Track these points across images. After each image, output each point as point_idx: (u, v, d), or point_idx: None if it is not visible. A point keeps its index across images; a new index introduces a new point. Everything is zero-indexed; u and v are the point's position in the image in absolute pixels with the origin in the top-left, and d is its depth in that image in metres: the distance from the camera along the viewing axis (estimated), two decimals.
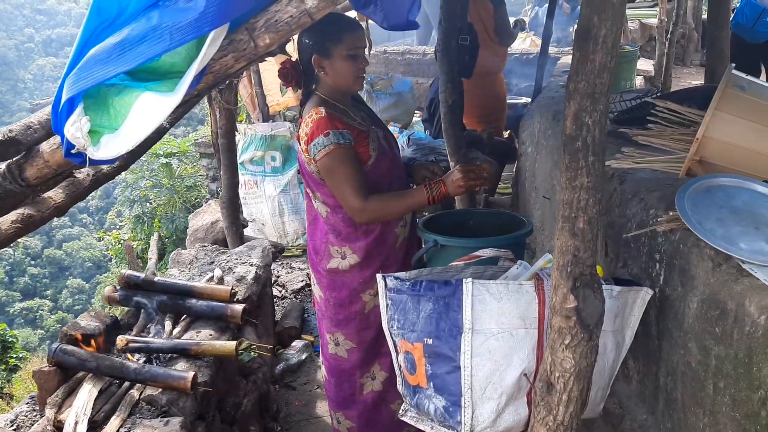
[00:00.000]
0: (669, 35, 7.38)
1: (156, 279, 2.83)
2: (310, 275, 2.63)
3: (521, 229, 2.48)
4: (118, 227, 13.48)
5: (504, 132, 5.99)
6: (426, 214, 3.10)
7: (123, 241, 9.44)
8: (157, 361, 2.42)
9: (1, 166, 1.61)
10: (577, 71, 1.46)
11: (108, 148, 1.28)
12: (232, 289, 2.85)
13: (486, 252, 2.13)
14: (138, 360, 2.40)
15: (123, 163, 2.33)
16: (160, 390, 2.25)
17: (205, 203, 6.92)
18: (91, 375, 2.29)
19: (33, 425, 2.22)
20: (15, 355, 9.45)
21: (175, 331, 2.62)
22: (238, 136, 5.56)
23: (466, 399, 1.76)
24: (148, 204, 9.31)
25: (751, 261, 1.62)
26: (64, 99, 1.28)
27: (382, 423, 2.62)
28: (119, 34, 1.28)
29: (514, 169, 5.44)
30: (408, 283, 1.85)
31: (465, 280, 1.73)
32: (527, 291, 1.74)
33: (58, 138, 1.40)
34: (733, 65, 2.24)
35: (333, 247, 2.46)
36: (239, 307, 2.73)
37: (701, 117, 2.13)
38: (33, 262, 30.92)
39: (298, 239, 5.85)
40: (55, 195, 1.91)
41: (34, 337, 23.10)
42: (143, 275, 2.83)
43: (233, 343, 2.49)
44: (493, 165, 4.97)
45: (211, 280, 3.09)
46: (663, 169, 2.28)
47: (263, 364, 3.19)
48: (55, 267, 30.83)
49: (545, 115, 3.94)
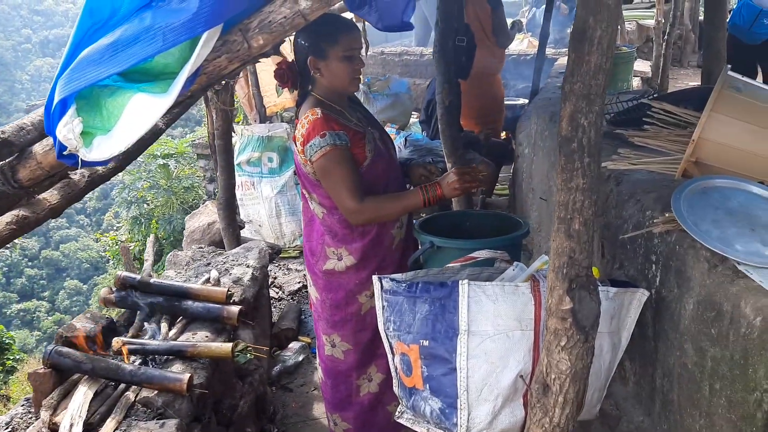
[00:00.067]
0: (666, 36, 7.40)
1: (152, 280, 2.84)
2: (306, 276, 2.62)
3: (517, 231, 2.48)
4: (115, 228, 13.45)
5: (501, 133, 5.99)
6: (423, 215, 3.10)
7: (120, 243, 9.42)
8: (153, 363, 2.41)
9: None
10: (573, 72, 1.45)
11: (100, 149, 1.28)
12: (228, 291, 2.85)
13: (482, 253, 2.12)
14: (134, 362, 2.40)
15: (118, 165, 2.32)
16: (155, 392, 2.25)
17: (202, 204, 6.91)
18: (87, 377, 2.29)
19: (28, 427, 2.21)
20: (12, 357, 9.45)
21: (171, 333, 2.62)
22: (235, 137, 5.56)
23: (462, 401, 1.76)
24: (145, 205, 9.29)
25: (747, 262, 1.62)
26: (56, 100, 1.28)
27: (378, 425, 2.61)
28: (112, 35, 1.28)
29: (511, 171, 5.44)
30: (404, 285, 1.85)
31: (461, 281, 1.73)
32: (523, 292, 1.74)
33: (51, 139, 1.39)
34: (729, 66, 2.24)
35: (329, 249, 2.45)
36: (235, 309, 2.72)
37: (697, 118, 2.13)
38: (30, 263, 30.85)
39: (295, 240, 5.84)
40: (50, 196, 1.90)
41: (31, 339, 23.06)
42: (139, 277, 2.84)
43: (229, 345, 2.49)
44: (490, 166, 4.96)
45: (208, 281, 3.09)
46: (659, 171, 2.28)
47: (260, 365, 3.19)
48: (53, 268, 30.78)
49: (542, 117, 3.94)
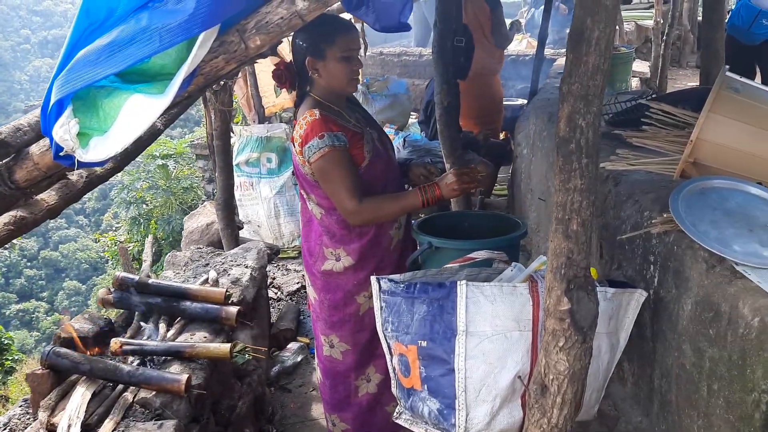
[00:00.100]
0: (665, 37, 7.40)
1: (150, 281, 2.83)
2: (305, 277, 2.62)
3: (516, 231, 2.48)
4: (114, 229, 13.43)
5: (500, 133, 5.99)
6: (422, 215, 3.10)
7: (119, 243, 9.42)
8: (151, 364, 2.41)
9: None
10: (571, 73, 1.45)
11: (97, 150, 1.27)
12: (226, 291, 2.84)
13: (480, 254, 2.12)
14: (132, 362, 2.39)
15: (117, 165, 2.32)
16: (153, 393, 2.24)
17: (201, 205, 6.91)
18: (85, 378, 2.28)
19: (26, 428, 2.21)
20: (11, 357, 9.43)
21: (170, 334, 2.62)
22: (233, 137, 5.55)
23: (460, 401, 1.76)
24: (144, 206, 9.29)
25: (745, 263, 1.62)
26: (52, 101, 1.27)
27: (377, 425, 2.61)
28: (108, 35, 1.27)
29: (509, 171, 5.44)
30: (402, 286, 1.85)
31: (459, 282, 1.72)
32: (521, 293, 1.74)
33: (47, 140, 1.39)
34: (727, 67, 2.24)
35: (327, 249, 2.45)
36: (234, 310, 2.72)
37: (696, 119, 2.13)
38: (29, 263, 30.82)
39: (293, 241, 5.84)
40: (48, 197, 1.90)
41: (30, 339, 23.04)
42: (137, 277, 2.83)
43: (227, 346, 2.49)
44: (489, 167, 4.97)
45: (206, 282, 3.09)
46: (657, 171, 2.28)
47: (258, 366, 3.18)
48: (52, 269, 30.75)
49: (541, 117, 3.94)
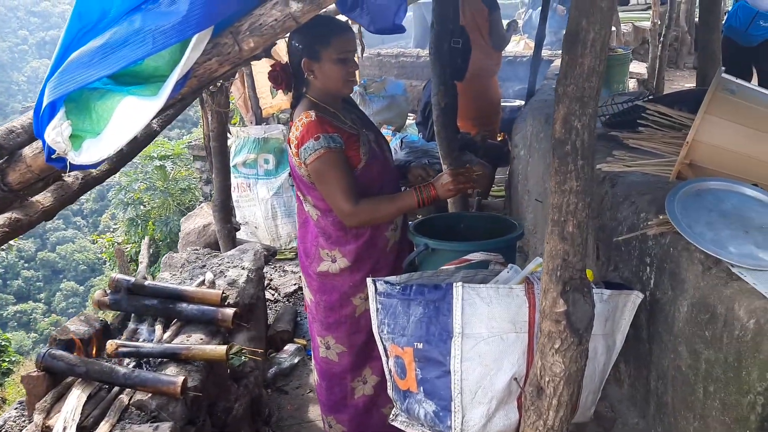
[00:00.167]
0: (662, 38, 7.41)
1: (146, 283, 2.83)
2: (302, 278, 2.62)
3: (512, 233, 2.47)
4: (112, 230, 13.41)
5: (498, 135, 5.99)
6: (419, 216, 3.10)
7: (116, 244, 9.40)
8: (147, 366, 2.41)
9: None
10: (566, 75, 1.45)
11: (90, 152, 1.27)
12: (223, 293, 2.84)
13: (476, 256, 2.12)
14: (128, 365, 2.39)
15: (112, 167, 2.31)
16: (149, 395, 2.24)
17: (198, 206, 6.90)
18: (81, 380, 2.28)
19: (21, 431, 2.20)
20: (8, 359, 9.40)
21: (166, 336, 2.61)
22: (230, 138, 5.54)
23: (456, 403, 1.76)
24: (142, 207, 9.27)
25: (741, 265, 1.62)
26: (45, 103, 1.27)
27: (373, 427, 2.60)
28: (101, 37, 1.27)
29: (507, 172, 5.44)
30: (398, 287, 1.84)
31: (455, 284, 1.72)
32: (517, 295, 1.74)
33: (40, 142, 1.39)
34: (723, 69, 2.24)
35: (323, 251, 2.44)
36: (230, 311, 2.72)
37: (691, 120, 2.13)
38: (26, 264, 30.78)
39: (291, 242, 5.83)
40: (44, 199, 1.89)
41: (27, 341, 23.01)
42: (133, 279, 2.83)
43: (223, 348, 2.48)
44: (487, 168, 4.97)
45: (203, 283, 3.08)
46: (654, 173, 2.28)
47: (255, 368, 3.18)
48: (49, 270, 30.71)
49: (538, 118, 3.94)
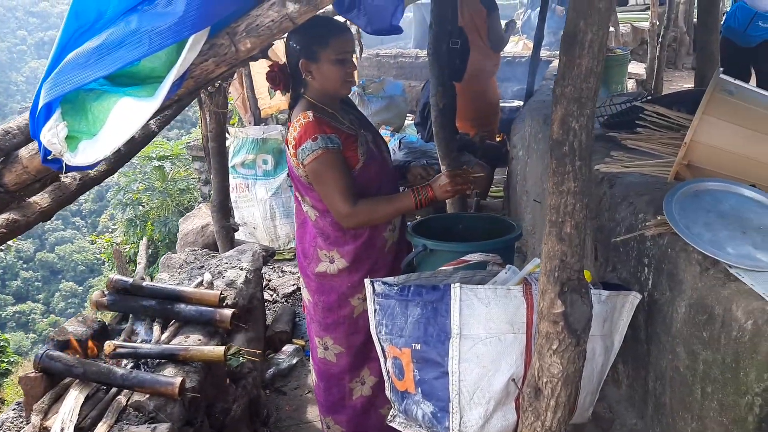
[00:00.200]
0: (660, 39, 7.42)
1: (144, 284, 2.83)
2: (300, 278, 2.62)
3: (510, 234, 2.47)
4: (110, 230, 13.38)
5: (497, 135, 5.99)
6: (419, 217, 3.10)
7: (115, 245, 9.38)
8: (145, 367, 2.40)
9: None
10: (564, 76, 1.45)
11: (86, 154, 1.27)
12: (221, 294, 2.84)
13: (474, 257, 2.12)
14: (125, 365, 2.38)
15: (110, 167, 2.31)
16: (147, 396, 2.23)
17: (197, 207, 6.89)
18: (78, 381, 2.28)
19: None
20: (6, 360, 9.39)
21: (164, 337, 2.61)
22: (229, 139, 5.54)
23: (454, 404, 1.76)
24: (140, 207, 9.25)
25: (738, 265, 1.62)
26: (41, 104, 1.27)
27: (371, 428, 2.60)
28: (98, 38, 1.27)
29: (505, 173, 5.44)
30: (396, 288, 1.84)
31: (453, 285, 1.72)
32: (515, 296, 1.74)
33: (36, 143, 1.38)
34: (722, 69, 2.24)
35: (321, 251, 2.44)
36: (228, 312, 2.71)
37: (690, 121, 2.13)
38: (25, 265, 30.75)
39: (289, 242, 5.83)
40: (41, 199, 1.89)
41: (26, 341, 22.97)
42: (131, 280, 2.82)
43: (222, 349, 2.48)
44: (485, 169, 4.97)
45: (201, 284, 3.08)
46: (652, 173, 2.28)
47: (253, 368, 3.17)
48: (48, 270, 30.68)
49: (536, 119, 3.94)
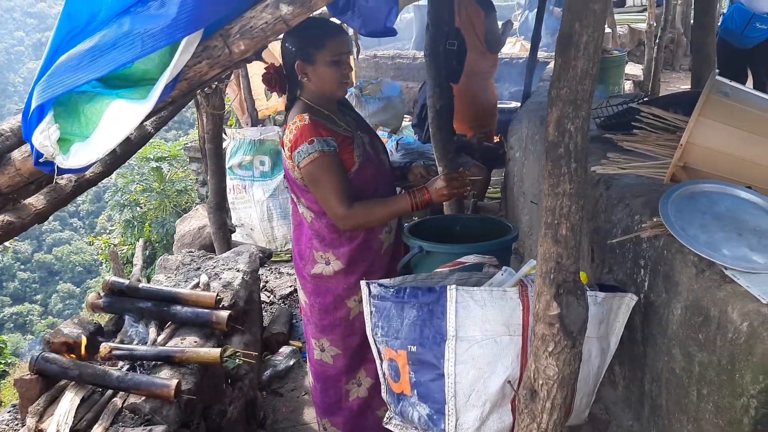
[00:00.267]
0: (658, 40, 7.43)
1: (140, 285, 2.82)
2: (296, 280, 2.62)
3: (506, 235, 2.47)
4: (108, 232, 13.36)
5: (494, 137, 5.99)
6: (415, 218, 3.10)
7: (112, 246, 9.37)
8: (141, 369, 2.39)
9: None
10: (559, 78, 1.45)
11: (78, 156, 1.26)
12: (217, 296, 2.83)
13: (470, 258, 2.12)
14: (121, 367, 2.38)
15: (106, 169, 2.31)
16: (143, 398, 2.23)
17: (194, 208, 6.88)
18: (74, 383, 2.27)
19: None
20: (3, 361, 9.36)
21: (160, 338, 2.60)
22: (226, 140, 5.53)
23: (449, 407, 1.75)
24: (138, 208, 9.25)
25: (734, 267, 1.62)
26: (33, 106, 1.26)
27: (368, 430, 2.60)
28: (90, 40, 1.26)
29: (503, 174, 5.44)
30: (392, 290, 1.84)
31: (449, 286, 1.72)
32: (511, 298, 1.74)
33: (29, 146, 1.38)
34: (717, 71, 2.25)
35: (317, 253, 2.44)
36: (224, 314, 2.71)
37: (686, 122, 2.13)
38: (23, 266, 30.66)
39: (287, 244, 5.81)
40: (36, 201, 1.89)
41: (23, 343, 22.87)
42: (128, 282, 2.82)
43: (218, 350, 2.47)
44: (483, 170, 4.97)
45: (197, 286, 3.07)
46: (648, 175, 2.28)
47: (250, 370, 3.17)
48: (45, 271, 30.60)
49: (533, 120, 3.93)
